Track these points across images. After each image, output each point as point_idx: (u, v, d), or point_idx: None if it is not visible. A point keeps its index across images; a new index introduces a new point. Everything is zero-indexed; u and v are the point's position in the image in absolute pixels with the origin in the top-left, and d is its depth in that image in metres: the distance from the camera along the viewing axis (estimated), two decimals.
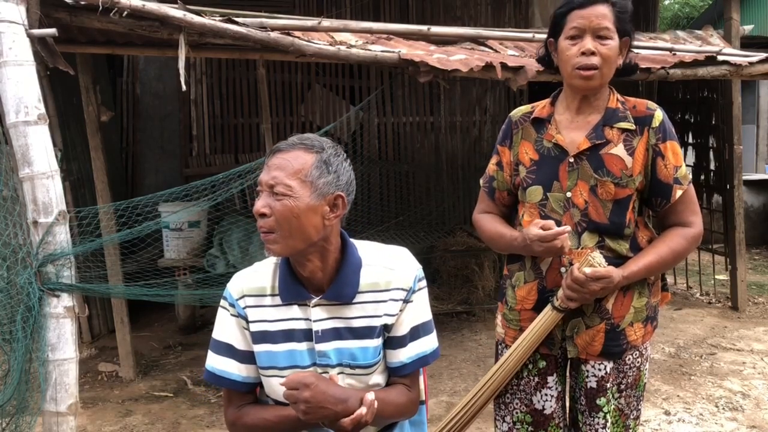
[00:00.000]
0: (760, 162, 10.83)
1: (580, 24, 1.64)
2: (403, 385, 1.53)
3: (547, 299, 1.75)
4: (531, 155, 1.78)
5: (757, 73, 4.05)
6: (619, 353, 1.74)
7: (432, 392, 3.70)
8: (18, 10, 2.45)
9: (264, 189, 1.38)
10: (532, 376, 1.82)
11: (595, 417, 1.76)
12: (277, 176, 1.36)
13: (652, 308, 1.79)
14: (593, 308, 1.72)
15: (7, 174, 2.50)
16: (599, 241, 1.70)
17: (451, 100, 6.42)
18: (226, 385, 1.51)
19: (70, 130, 4.59)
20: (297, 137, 1.42)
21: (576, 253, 1.70)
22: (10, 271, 2.43)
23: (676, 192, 1.70)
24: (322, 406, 1.34)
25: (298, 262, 1.45)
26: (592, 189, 1.69)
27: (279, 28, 3.51)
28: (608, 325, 1.72)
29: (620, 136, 1.70)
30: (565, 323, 1.75)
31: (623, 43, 1.69)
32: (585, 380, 1.77)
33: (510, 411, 1.86)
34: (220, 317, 1.52)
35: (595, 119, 1.73)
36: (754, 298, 5.65)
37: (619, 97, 1.76)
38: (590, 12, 1.63)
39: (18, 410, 2.43)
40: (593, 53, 1.63)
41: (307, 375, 1.37)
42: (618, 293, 1.72)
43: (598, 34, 1.63)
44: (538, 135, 1.78)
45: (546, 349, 1.80)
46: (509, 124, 1.86)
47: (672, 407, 3.49)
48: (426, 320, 1.54)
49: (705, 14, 13.30)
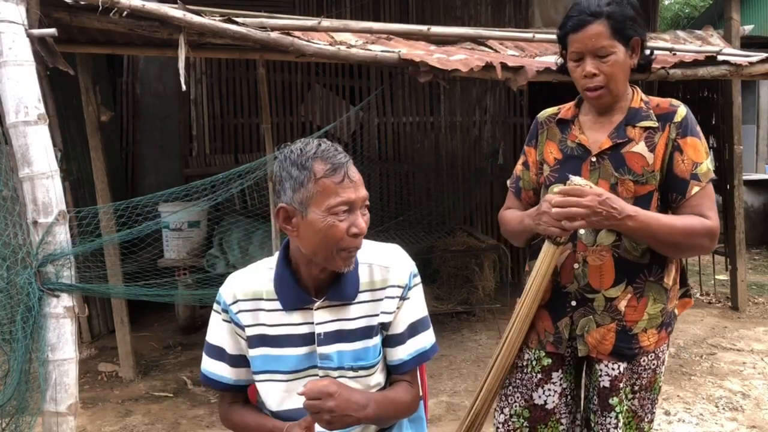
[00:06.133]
0: (760, 162, 10.83)
1: (577, 48, 1.67)
2: (405, 382, 1.53)
3: (561, 295, 1.76)
4: (555, 155, 1.80)
5: (757, 73, 4.05)
6: (631, 356, 1.74)
7: (432, 392, 3.69)
8: (18, 10, 2.45)
9: (357, 208, 1.37)
10: (535, 372, 1.83)
11: (608, 417, 1.76)
12: (362, 191, 1.38)
13: (668, 314, 1.78)
14: (604, 306, 1.72)
15: (7, 174, 2.50)
16: (615, 241, 1.70)
17: (451, 100, 6.42)
18: (219, 387, 1.54)
19: (70, 130, 4.59)
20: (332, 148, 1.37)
21: (591, 250, 1.71)
22: (10, 271, 2.42)
23: (693, 188, 1.67)
24: (346, 414, 1.34)
25: (306, 265, 1.44)
26: (613, 187, 1.69)
27: (279, 28, 3.51)
28: (619, 325, 1.72)
29: (642, 134, 1.71)
30: (575, 322, 1.75)
31: (634, 44, 1.69)
32: (598, 379, 1.77)
33: (510, 404, 1.88)
34: (212, 321, 1.52)
35: (618, 119, 1.74)
36: (754, 298, 5.65)
37: (643, 97, 1.77)
38: (584, 35, 1.64)
39: (18, 410, 2.43)
40: (595, 74, 1.66)
41: (328, 383, 1.35)
42: (632, 297, 1.71)
43: (598, 54, 1.65)
44: (563, 135, 1.81)
45: (553, 347, 1.80)
46: (536, 124, 1.90)
47: (672, 407, 3.49)
48: (423, 316, 1.55)
49: (705, 14, 13.30)
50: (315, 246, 1.37)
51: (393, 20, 5.85)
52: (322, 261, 1.39)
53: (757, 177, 8.61)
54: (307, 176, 1.34)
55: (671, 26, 16.67)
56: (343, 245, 1.36)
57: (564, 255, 1.74)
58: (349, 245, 1.37)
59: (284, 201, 1.36)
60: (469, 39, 4.28)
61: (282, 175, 1.37)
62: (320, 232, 1.34)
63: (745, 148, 6.06)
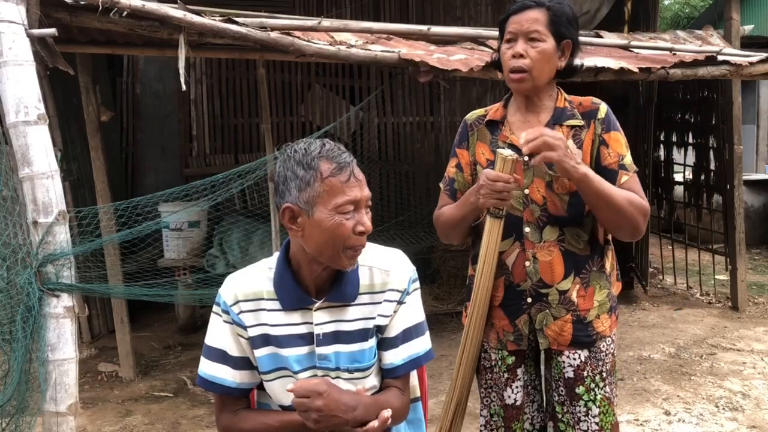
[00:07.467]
0: (760, 162, 10.84)
1: (513, 29, 1.75)
2: (396, 388, 1.52)
3: (516, 294, 1.81)
4: (487, 155, 1.86)
5: (757, 73, 4.05)
6: (590, 343, 1.81)
7: (432, 392, 3.69)
8: (18, 10, 2.45)
9: (362, 206, 1.39)
10: (503, 372, 1.88)
11: (576, 406, 1.81)
12: (366, 190, 1.40)
13: (613, 298, 1.87)
14: (558, 299, 1.78)
15: (7, 174, 2.50)
16: (560, 235, 1.77)
17: (451, 100, 6.42)
18: (220, 391, 1.49)
19: (70, 130, 4.60)
20: (336, 148, 1.39)
21: (539, 247, 1.77)
22: (10, 271, 2.42)
23: (622, 177, 1.75)
24: (334, 415, 1.33)
25: (308, 265, 1.43)
26: (548, 185, 1.77)
27: (279, 28, 3.51)
28: (574, 316, 1.79)
29: (569, 132, 1.78)
30: (533, 318, 1.81)
31: (565, 45, 1.76)
32: (562, 371, 1.82)
33: (487, 404, 1.94)
34: (212, 323, 1.50)
35: (545, 118, 1.81)
36: (754, 298, 5.65)
37: (566, 97, 1.84)
38: (522, 17, 1.74)
39: (18, 410, 2.42)
40: (522, 56, 1.72)
41: (319, 382, 1.35)
42: (580, 288, 1.79)
43: (530, 37, 1.73)
44: (493, 136, 1.87)
45: (514, 345, 1.85)
46: (464, 126, 1.95)
47: (672, 407, 3.49)
48: (418, 322, 1.54)
49: (705, 14, 13.32)
50: (321, 245, 1.37)
51: (393, 20, 5.85)
52: (327, 260, 1.39)
53: (757, 177, 8.61)
54: (314, 175, 1.34)
55: (671, 26, 16.68)
56: (349, 243, 1.37)
57: (514, 254, 1.80)
58: (355, 243, 1.38)
59: (289, 201, 1.36)
60: (469, 39, 4.28)
61: (286, 175, 1.37)
62: (327, 231, 1.35)
63: (745, 148, 6.06)
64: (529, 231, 1.78)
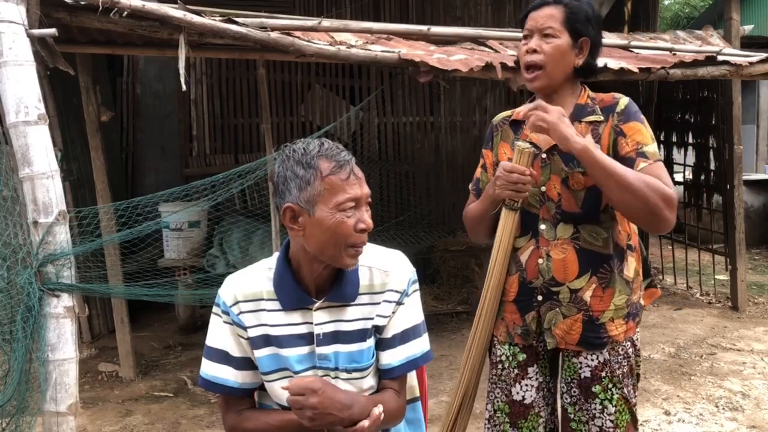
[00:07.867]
0: (760, 162, 10.85)
1: (529, 26, 1.76)
2: (392, 390, 1.52)
3: (528, 291, 1.81)
4: (509, 154, 1.86)
5: (757, 73, 4.05)
6: (599, 345, 1.78)
7: (432, 392, 3.69)
8: (18, 10, 2.45)
9: (362, 204, 1.39)
10: (512, 368, 1.88)
11: (592, 403, 1.80)
12: (366, 188, 1.40)
13: (633, 305, 1.82)
14: (569, 298, 1.77)
15: (7, 174, 2.50)
16: (574, 233, 1.76)
17: (451, 100, 6.42)
18: (223, 392, 1.49)
19: (70, 130, 4.60)
20: (334, 146, 1.39)
21: (552, 245, 1.77)
22: (10, 271, 2.42)
23: (639, 163, 1.68)
24: (328, 413, 1.33)
25: (309, 264, 1.43)
26: (564, 181, 1.76)
27: (279, 28, 3.51)
28: (585, 315, 1.77)
29: (588, 128, 1.77)
30: (542, 316, 1.80)
31: (582, 43, 1.75)
32: (578, 371, 1.81)
33: (492, 400, 1.94)
34: (213, 324, 1.49)
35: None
36: (754, 298, 5.65)
37: (590, 94, 1.83)
38: (538, 13, 1.75)
39: (18, 410, 2.43)
40: (536, 51, 1.72)
41: (313, 380, 1.36)
42: (596, 287, 1.76)
43: (544, 33, 1.72)
44: (515, 135, 1.87)
45: (521, 339, 1.85)
46: (491, 128, 1.98)
47: (672, 407, 3.49)
48: (416, 324, 1.53)
49: (705, 14, 13.32)
50: (323, 243, 1.37)
51: (393, 20, 5.86)
52: (329, 259, 1.39)
53: (757, 177, 8.61)
54: (314, 174, 1.34)
55: (671, 26, 16.69)
56: (351, 241, 1.37)
57: (528, 251, 1.80)
58: (357, 241, 1.38)
59: (290, 200, 1.36)
60: (469, 39, 4.28)
61: (286, 174, 1.37)
62: (329, 230, 1.35)
63: (745, 148, 6.07)
64: (544, 228, 1.78)
